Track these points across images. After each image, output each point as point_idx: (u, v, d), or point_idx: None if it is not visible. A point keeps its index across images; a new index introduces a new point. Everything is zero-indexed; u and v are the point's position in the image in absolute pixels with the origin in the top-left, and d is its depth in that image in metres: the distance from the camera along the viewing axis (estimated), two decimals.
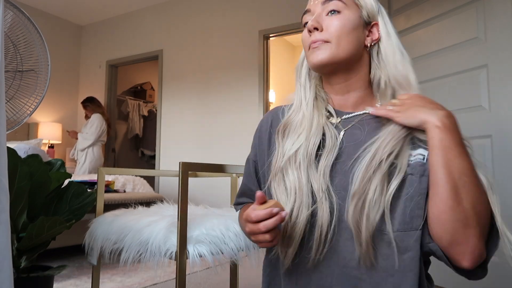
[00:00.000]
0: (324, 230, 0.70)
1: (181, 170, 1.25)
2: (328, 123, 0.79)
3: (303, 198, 0.71)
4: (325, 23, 0.76)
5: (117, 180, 3.43)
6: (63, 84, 5.32)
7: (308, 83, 0.85)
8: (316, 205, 0.71)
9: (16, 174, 1.37)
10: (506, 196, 1.81)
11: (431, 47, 2.19)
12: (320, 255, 0.70)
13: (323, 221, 0.70)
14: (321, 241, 0.70)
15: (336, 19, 0.76)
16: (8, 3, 1.51)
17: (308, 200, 0.71)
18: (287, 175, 0.75)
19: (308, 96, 0.83)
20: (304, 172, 0.73)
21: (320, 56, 0.75)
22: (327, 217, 0.70)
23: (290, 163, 0.75)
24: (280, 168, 0.76)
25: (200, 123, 4.41)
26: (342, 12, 0.76)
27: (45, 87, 1.69)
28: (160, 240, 1.25)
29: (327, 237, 0.70)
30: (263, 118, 0.92)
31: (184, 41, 4.63)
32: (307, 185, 0.72)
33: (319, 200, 0.71)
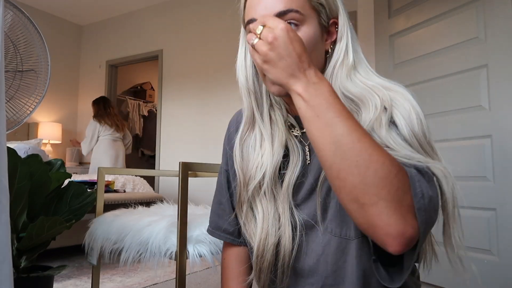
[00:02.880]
0: (286, 259, 0.67)
1: (181, 170, 1.25)
2: (291, 138, 0.70)
3: (269, 228, 0.67)
4: None
5: (117, 180, 3.43)
6: (63, 84, 5.32)
7: (257, 86, 0.72)
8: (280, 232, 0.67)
9: (16, 174, 1.37)
10: (506, 196, 1.81)
11: (431, 47, 2.19)
12: (284, 283, 0.68)
13: (285, 250, 0.66)
14: (284, 270, 0.67)
15: None
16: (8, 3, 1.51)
17: (274, 228, 0.67)
18: (254, 205, 0.70)
19: (262, 106, 0.71)
20: (270, 198, 0.68)
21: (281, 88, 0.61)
22: (289, 246, 0.66)
23: (257, 193, 0.69)
24: (247, 200, 0.70)
25: (200, 123, 4.41)
26: (300, 28, 0.63)
27: (45, 87, 1.69)
28: (160, 240, 1.25)
29: (290, 265, 0.67)
30: (231, 120, 0.84)
31: (184, 41, 4.63)
32: (272, 211, 0.68)
33: (282, 226, 0.67)
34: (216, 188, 0.84)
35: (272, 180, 0.68)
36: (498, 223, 1.84)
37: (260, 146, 0.70)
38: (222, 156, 0.84)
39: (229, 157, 0.80)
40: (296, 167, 0.68)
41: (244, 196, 0.71)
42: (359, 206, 0.51)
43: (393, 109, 0.61)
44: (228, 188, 0.81)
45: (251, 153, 0.71)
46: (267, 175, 0.68)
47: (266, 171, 0.68)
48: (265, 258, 0.67)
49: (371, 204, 0.50)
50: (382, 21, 2.51)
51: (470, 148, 1.96)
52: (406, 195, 0.50)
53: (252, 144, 0.71)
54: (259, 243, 0.68)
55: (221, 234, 0.82)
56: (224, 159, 0.83)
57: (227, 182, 0.81)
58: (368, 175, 0.49)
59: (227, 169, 0.82)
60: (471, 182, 1.95)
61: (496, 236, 1.84)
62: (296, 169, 0.68)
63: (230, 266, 0.81)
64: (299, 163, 0.68)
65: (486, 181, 1.89)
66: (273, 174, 0.68)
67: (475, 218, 1.93)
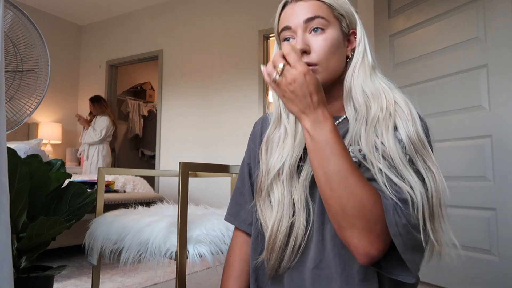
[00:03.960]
0: (298, 241, 0.73)
1: (181, 170, 1.25)
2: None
3: (283, 211, 0.74)
4: (313, 44, 0.74)
5: (117, 180, 3.43)
6: (63, 84, 5.32)
7: None
8: (295, 217, 0.74)
9: (16, 174, 1.37)
10: (506, 196, 1.81)
11: (431, 47, 2.19)
12: (291, 262, 0.74)
13: (298, 232, 0.73)
14: (294, 252, 0.73)
15: (322, 39, 0.74)
16: (8, 3, 1.51)
17: (288, 212, 0.74)
18: (272, 192, 0.77)
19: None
20: (286, 185, 0.75)
21: None
22: (303, 228, 0.73)
23: (275, 180, 0.77)
24: (265, 187, 0.78)
25: (200, 123, 4.41)
26: (325, 31, 0.74)
27: (45, 87, 1.69)
28: (160, 240, 1.25)
29: (300, 247, 0.73)
30: (256, 122, 0.94)
31: (184, 41, 4.63)
32: (288, 198, 0.75)
33: (297, 212, 0.74)
34: (237, 180, 0.94)
35: (290, 171, 0.75)
36: (498, 223, 1.84)
37: (284, 141, 0.78)
38: (246, 151, 0.93)
39: (252, 152, 0.90)
40: None
41: (264, 183, 0.78)
42: (339, 227, 0.64)
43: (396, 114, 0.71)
44: (249, 179, 0.90)
45: (275, 148, 0.79)
46: (286, 165, 0.75)
47: (285, 161, 0.76)
48: (277, 238, 0.73)
49: (347, 228, 0.63)
50: (382, 21, 2.51)
51: (470, 148, 1.96)
52: (377, 225, 0.62)
53: (276, 140, 0.80)
54: (273, 224, 0.74)
55: (241, 223, 0.90)
56: (247, 153, 0.92)
57: (249, 174, 0.90)
58: (347, 206, 0.62)
59: (249, 163, 0.91)
60: (471, 182, 1.95)
61: (496, 236, 1.84)
62: None
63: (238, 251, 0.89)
64: None
65: (486, 181, 1.89)
66: (292, 165, 0.75)
67: (475, 218, 1.93)
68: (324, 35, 0.74)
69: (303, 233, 0.73)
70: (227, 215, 0.94)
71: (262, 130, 0.89)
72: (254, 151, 0.89)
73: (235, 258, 0.89)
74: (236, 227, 0.92)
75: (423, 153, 0.68)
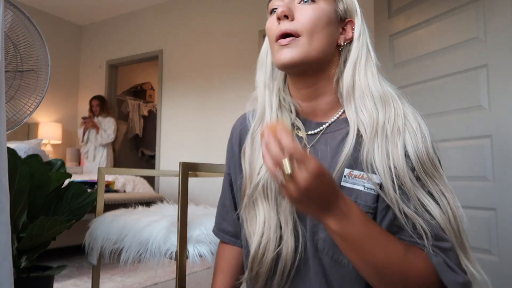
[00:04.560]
0: (287, 268, 0.66)
1: (181, 170, 1.25)
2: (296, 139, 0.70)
3: (270, 235, 0.66)
4: (297, 12, 0.66)
5: (117, 180, 3.43)
6: (63, 84, 5.32)
7: (271, 84, 0.75)
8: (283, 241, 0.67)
9: (16, 174, 1.37)
10: (506, 196, 1.81)
11: (431, 47, 2.19)
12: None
13: (287, 259, 0.66)
14: (283, 279, 0.67)
15: (311, 9, 0.66)
16: (8, 3, 1.51)
17: (275, 235, 0.67)
18: (257, 205, 0.69)
19: (272, 103, 0.72)
20: (272, 203, 0.67)
21: (290, 54, 0.65)
22: (291, 254, 0.66)
23: (259, 192, 0.68)
24: (249, 196, 0.70)
25: (200, 123, 4.41)
26: (317, 2, 0.66)
27: (45, 87, 1.69)
28: (160, 240, 1.25)
29: (290, 274, 0.67)
30: (233, 126, 0.86)
31: (184, 41, 4.63)
32: (275, 219, 0.67)
33: (284, 236, 0.66)
34: (221, 191, 0.87)
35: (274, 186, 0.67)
36: (498, 223, 1.84)
37: None
38: (226, 161, 0.85)
39: (231, 160, 0.82)
40: None
41: (248, 189, 0.70)
42: None
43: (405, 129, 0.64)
44: (231, 191, 0.83)
45: (258, 148, 0.71)
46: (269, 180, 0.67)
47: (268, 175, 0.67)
48: (264, 263, 0.67)
49: None
50: (382, 21, 2.51)
51: (470, 148, 1.96)
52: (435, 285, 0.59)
53: (259, 142, 0.71)
54: (259, 247, 0.67)
55: (224, 236, 0.85)
56: (226, 163, 0.85)
57: (230, 185, 0.83)
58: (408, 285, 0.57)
59: (229, 173, 0.84)
60: (471, 182, 1.95)
61: (496, 236, 1.84)
62: None
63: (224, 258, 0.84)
64: None
65: (486, 181, 1.89)
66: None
67: (475, 218, 1.93)
68: (313, 5, 0.66)
69: (292, 260, 0.66)
70: (214, 228, 0.88)
71: (241, 133, 0.80)
72: (234, 160, 0.80)
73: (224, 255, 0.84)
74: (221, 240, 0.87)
75: (434, 175, 0.61)
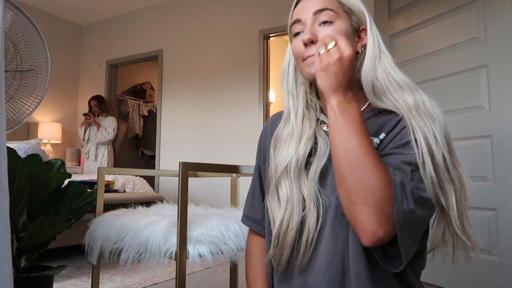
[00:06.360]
0: (310, 236, 0.73)
1: (181, 170, 1.24)
2: (320, 130, 0.81)
3: (293, 208, 0.75)
4: (321, 35, 0.75)
5: (117, 180, 3.43)
6: (63, 84, 5.32)
7: (295, 90, 0.84)
8: (305, 212, 0.74)
9: (16, 174, 1.37)
10: (506, 196, 1.81)
11: (431, 47, 2.19)
12: (306, 259, 0.74)
13: (309, 228, 0.73)
14: (307, 246, 0.74)
15: (330, 29, 0.75)
16: (8, 3, 1.51)
17: (298, 209, 0.75)
18: (280, 187, 0.78)
19: (297, 106, 0.83)
20: (295, 182, 0.76)
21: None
22: (313, 224, 0.73)
23: (283, 176, 0.78)
24: (274, 182, 0.79)
25: (200, 123, 4.41)
26: (334, 23, 0.76)
27: (45, 87, 1.69)
28: (160, 240, 1.25)
29: (313, 242, 0.74)
30: (266, 123, 0.95)
31: (184, 41, 4.63)
32: (297, 194, 0.75)
33: (307, 207, 0.74)
34: (251, 182, 0.95)
35: (298, 166, 0.77)
36: (498, 223, 1.84)
37: (291, 138, 0.80)
38: (257, 153, 0.95)
39: (262, 153, 0.92)
40: (324, 156, 0.77)
41: (273, 179, 0.80)
42: (349, 203, 0.64)
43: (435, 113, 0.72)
44: (260, 180, 0.92)
45: (283, 144, 0.81)
46: (293, 160, 0.77)
47: (292, 158, 0.77)
48: (288, 235, 0.74)
49: (358, 204, 0.63)
50: (382, 21, 2.51)
51: (470, 148, 1.96)
52: (387, 205, 0.62)
53: (284, 137, 0.81)
54: (282, 220, 0.75)
55: (252, 224, 0.93)
56: (257, 155, 0.94)
57: (259, 175, 0.93)
58: (362, 181, 0.63)
59: (259, 164, 0.93)
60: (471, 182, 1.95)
61: (496, 236, 1.84)
62: (323, 157, 0.77)
63: (256, 253, 0.91)
64: (326, 152, 0.77)
65: (486, 181, 1.89)
66: (299, 161, 0.77)
67: (475, 218, 1.92)
68: (332, 26, 0.75)
69: (314, 229, 0.74)
70: (243, 216, 0.96)
71: (272, 127, 0.90)
72: (264, 151, 0.90)
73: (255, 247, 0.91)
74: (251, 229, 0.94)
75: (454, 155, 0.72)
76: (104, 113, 4.62)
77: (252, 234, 0.94)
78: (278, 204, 0.78)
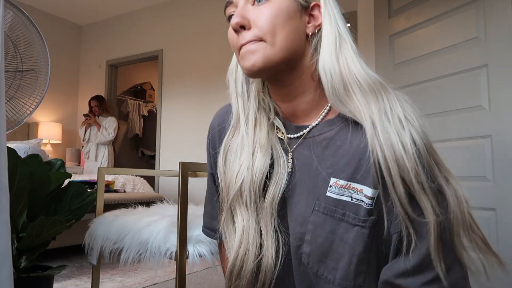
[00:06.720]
0: (268, 279, 0.62)
1: (181, 170, 1.25)
2: (276, 142, 0.66)
3: (249, 243, 0.63)
4: (253, 16, 0.60)
5: (117, 180, 3.43)
6: (63, 84, 5.32)
7: (247, 90, 0.70)
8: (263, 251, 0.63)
9: (16, 174, 1.37)
10: (506, 196, 1.81)
11: (431, 47, 2.19)
12: None
13: (267, 269, 0.62)
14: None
15: (266, 8, 0.59)
16: (8, 3, 1.51)
17: (254, 244, 0.63)
18: (235, 214, 0.65)
19: (248, 108, 0.68)
20: (252, 211, 0.63)
21: (253, 59, 0.60)
22: (272, 264, 0.62)
23: (237, 201, 0.65)
24: (227, 207, 0.66)
25: (200, 123, 4.40)
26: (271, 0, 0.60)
27: (45, 87, 1.69)
28: (160, 240, 1.25)
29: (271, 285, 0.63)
30: (211, 124, 0.80)
31: (184, 40, 4.63)
32: (253, 226, 0.63)
33: (265, 243, 0.62)
34: (206, 190, 0.81)
35: (252, 191, 0.63)
36: (498, 223, 1.84)
37: (241, 151, 0.66)
38: (207, 159, 0.79)
39: (213, 160, 0.76)
40: (281, 179, 0.63)
41: (226, 202, 0.66)
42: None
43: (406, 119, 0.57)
44: (216, 190, 0.76)
45: (234, 160, 0.66)
46: (246, 184, 0.63)
47: (245, 179, 0.63)
48: (243, 276, 0.63)
49: None
50: (382, 21, 2.51)
51: (470, 148, 1.96)
52: None
53: (234, 151, 0.67)
54: (236, 258, 0.63)
55: (216, 235, 0.79)
56: (208, 162, 0.79)
57: (214, 184, 0.77)
58: None
59: (212, 172, 0.78)
60: (471, 182, 1.95)
61: (496, 236, 1.84)
62: (281, 181, 0.63)
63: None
64: (284, 175, 0.63)
65: (486, 181, 1.89)
66: (254, 183, 0.63)
67: (475, 218, 1.93)
68: (268, 3, 0.59)
69: (271, 272, 0.62)
70: (203, 228, 0.82)
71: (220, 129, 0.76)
72: (214, 157, 0.74)
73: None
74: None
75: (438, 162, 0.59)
76: (104, 113, 4.62)
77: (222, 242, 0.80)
78: (233, 231, 0.65)
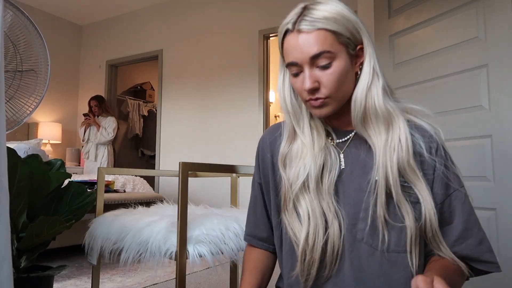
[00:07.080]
0: (336, 248, 0.75)
1: (181, 170, 1.24)
2: (329, 144, 0.81)
3: (317, 221, 0.75)
4: (322, 80, 0.74)
5: (117, 180, 3.43)
6: (63, 84, 5.32)
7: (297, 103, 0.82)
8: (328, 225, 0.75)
9: (16, 174, 1.37)
10: (506, 196, 1.81)
11: (431, 47, 2.19)
12: (333, 271, 0.76)
13: (334, 240, 0.75)
14: (333, 258, 0.75)
15: (330, 73, 0.73)
16: (8, 3, 1.51)
17: (322, 222, 0.75)
18: (299, 203, 0.78)
19: (302, 118, 0.81)
20: (314, 196, 0.76)
21: (324, 112, 0.76)
22: (338, 235, 0.75)
23: (301, 192, 0.77)
24: (291, 200, 0.78)
25: (200, 123, 4.41)
26: (333, 64, 0.73)
27: (45, 87, 1.69)
28: (160, 240, 1.25)
29: (338, 254, 0.75)
30: (261, 139, 0.92)
31: (184, 40, 4.63)
32: (318, 208, 0.76)
33: (329, 220, 0.75)
34: (250, 200, 0.93)
35: (316, 180, 0.77)
36: (498, 223, 1.84)
37: (302, 152, 0.79)
38: (255, 170, 0.92)
39: (262, 171, 0.89)
40: (334, 170, 0.78)
41: (290, 197, 0.79)
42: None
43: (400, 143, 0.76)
44: (262, 199, 0.90)
45: (295, 161, 0.80)
46: (312, 175, 0.77)
47: (310, 171, 0.77)
48: (316, 250, 0.74)
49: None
50: (382, 21, 2.51)
51: (470, 148, 1.96)
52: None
53: (295, 153, 0.80)
54: (307, 236, 0.75)
55: (258, 242, 0.92)
56: (257, 173, 0.91)
57: (261, 193, 0.90)
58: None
59: (260, 182, 0.90)
60: (471, 182, 1.94)
61: (496, 236, 1.84)
62: (334, 172, 0.78)
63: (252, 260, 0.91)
64: (336, 166, 0.78)
65: (486, 181, 1.89)
66: (318, 174, 0.77)
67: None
68: (331, 68, 0.73)
69: (339, 239, 0.75)
70: (246, 235, 0.94)
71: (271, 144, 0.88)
72: (266, 169, 0.88)
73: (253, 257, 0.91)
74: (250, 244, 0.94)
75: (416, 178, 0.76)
76: (104, 113, 4.62)
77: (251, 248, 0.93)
78: (297, 220, 0.77)
